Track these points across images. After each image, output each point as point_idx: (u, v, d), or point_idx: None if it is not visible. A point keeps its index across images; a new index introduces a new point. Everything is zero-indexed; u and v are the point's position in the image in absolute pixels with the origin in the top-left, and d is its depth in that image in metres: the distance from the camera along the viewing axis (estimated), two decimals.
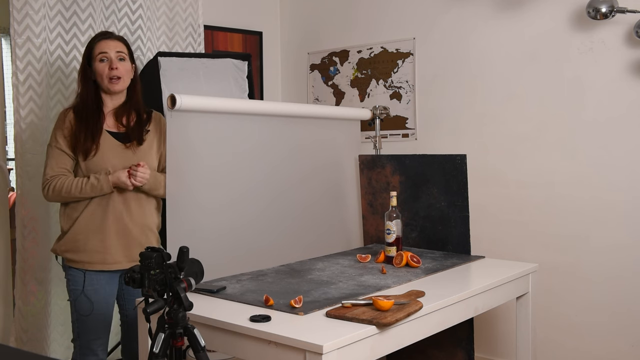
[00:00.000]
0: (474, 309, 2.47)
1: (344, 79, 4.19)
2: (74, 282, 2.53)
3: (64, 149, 2.49)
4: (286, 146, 3.15)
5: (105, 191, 2.47)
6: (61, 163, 2.49)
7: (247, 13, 4.28)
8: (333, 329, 1.91)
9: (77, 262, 2.51)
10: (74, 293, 2.53)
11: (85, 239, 2.50)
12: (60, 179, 2.46)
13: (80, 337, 2.54)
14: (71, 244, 2.51)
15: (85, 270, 2.51)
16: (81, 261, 2.51)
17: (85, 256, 2.50)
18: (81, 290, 2.52)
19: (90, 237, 2.50)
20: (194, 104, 2.64)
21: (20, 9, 3.03)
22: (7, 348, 1.28)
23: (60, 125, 2.52)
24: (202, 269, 1.98)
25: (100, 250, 2.50)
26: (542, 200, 3.39)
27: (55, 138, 2.51)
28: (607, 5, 3.00)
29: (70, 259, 2.52)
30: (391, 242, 2.83)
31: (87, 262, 2.50)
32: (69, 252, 2.52)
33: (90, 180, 2.46)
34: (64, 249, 2.54)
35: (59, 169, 2.49)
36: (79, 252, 2.51)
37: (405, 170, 3.20)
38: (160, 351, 1.80)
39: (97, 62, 2.51)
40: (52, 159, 2.50)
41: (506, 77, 3.50)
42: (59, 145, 2.49)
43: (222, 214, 2.82)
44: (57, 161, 2.49)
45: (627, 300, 3.16)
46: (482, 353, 3.59)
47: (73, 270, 2.53)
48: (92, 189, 2.45)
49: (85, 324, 2.53)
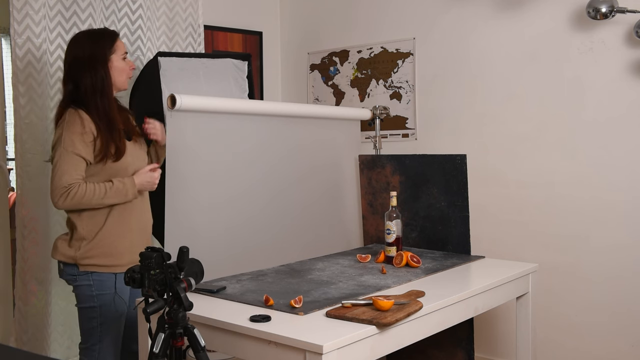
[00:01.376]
0: (474, 309, 2.47)
1: (344, 79, 4.19)
2: (100, 286, 2.45)
3: (83, 154, 2.37)
4: (286, 146, 3.15)
5: (129, 197, 2.42)
6: (79, 170, 2.37)
7: (247, 13, 4.28)
8: (333, 329, 1.91)
9: (107, 266, 2.44)
10: (102, 298, 2.45)
11: (114, 242, 2.45)
12: (80, 187, 2.35)
13: (103, 341, 2.48)
14: (100, 249, 2.43)
15: (117, 274, 2.46)
16: (112, 265, 2.44)
17: (116, 259, 2.44)
18: (114, 293, 2.46)
19: (119, 239, 2.46)
20: (194, 104, 2.64)
21: (20, 9, 3.03)
22: (7, 348, 1.28)
23: (78, 128, 2.37)
24: (202, 269, 1.98)
25: (129, 251, 2.46)
26: (542, 200, 3.39)
27: (72, 142, 2.35)
28: (607, 5, 3.00)
29: (99, 264, 2.44)
30: (391, 242, 2.83)
31: (118, 265, 2.45)
32: (95, 257, 2.43)
33: (114, 185, 2.39)
34: (90, 255, 2.43)
35: (77, 176, 2.36)
36: (108, 256, 2.44)
37: (405, 170, 3.20)
38: (160, 351, 1.80)
39: (120, 59, 2.50)
40: (69, 165, 2.35)
41: (506, 77, 3.50)
42: (78, 151, 2.36)
43: (222, 214, 2.82)
44: (76, 168, 2.36)
45: (627, 300, 3.16)
46: (482, 353, 3.59)
47: (99, 275, 2.44)
48: (116, 194, 2.39)
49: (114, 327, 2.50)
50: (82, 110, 2.40)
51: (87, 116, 2.39)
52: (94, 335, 2.49)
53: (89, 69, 2.43)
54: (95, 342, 2.49)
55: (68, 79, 2.47)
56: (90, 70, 2.43)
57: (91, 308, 2.47)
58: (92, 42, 2.47)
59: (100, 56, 2.45)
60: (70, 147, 2.35)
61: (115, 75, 2.49)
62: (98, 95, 2.42)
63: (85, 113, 2.39)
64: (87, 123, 2.38)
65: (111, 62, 2.47)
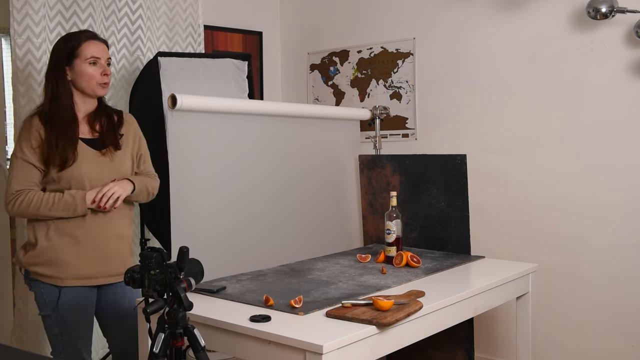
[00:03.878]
0: (474, 309, 2.47)
1: (344, 79, 4.19)
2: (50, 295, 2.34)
3: (31, 160, 2.28)
4: (286, 146, 3.15)
5: (77, 212, 2.29)
6: (28, 176, 2.28)
7: (247, 13, 4.28)
8: (333, 329, 1.91)
9: (49, 277, 2.33)
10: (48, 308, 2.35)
11: (58, 252, 2.32)
12: (28, 195, 2.26)
13: (67, 349, 2.38)
14: (42, 258, 2.32)
15: (61, 287, 2.33)
16: (55, 276, 2.32)
17: (59, 271, 2.32)
18: (55, 306, 2.34)
19: (64, 250, 2.32)
20: (194, 104, 2.64)
21: (20, 9, 3.03)
22: (7, 348, 1.28)
23: (26, 135, 2.30)
24: (202, 269, 1.98)
25: (75, 264, 2.33)
26: (542, 200, 3.39)
27: (21, 148, 2.29)
28: (607, 5, 2.99)
29: (42, 273, 2.33)
30: (391, 242, 2.83)
31: (61, 277, 2.33)
32: (38, 265, 2.33)
33: (64, 197, 2.28)
34: (33, 262, 2.33)
35: (26, 183, 2.28)
36: (51, 266, 2.32)
37: (405, 170, 3.20)
38: (160, 351, 1.80)
39: (86, 64, 2.35)
40: (18, 171, 2.28)
41: (506, 77, 3.50)
42: (25, 157, 2.28)
43: (223, 214, 2.82)
44: (24, 174, 2.28)
45: (627, 301, 3.15)
46: (482, 353, 3.59)
47: (45, 285, 2.34)
48: (64, 208, 2.27)
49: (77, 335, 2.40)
50: (36, 116, 2.33)
51: (39, 122, 2.31)
52: (58, 344, 2.40)
53: (50, 72, 2.38)
54: (59, 350, 2.40)
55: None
56: (50, 74, 2.37)
57: (47, 316, 2.37)
58: (58, 46, 2.39)
59: (59, 60, 2.36)
60: (19, 154, 2.30)
61: (79, 80, 2.36)
62: (51, 101, 2.34)
63: (37, 119, 2.32)
64: (35, 128, 2.31)
65: (72, 67, 2.36)
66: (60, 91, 2.35)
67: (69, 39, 2.39)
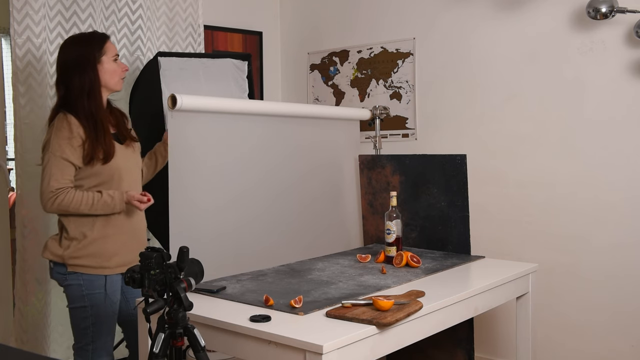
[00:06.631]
0: (474, 309, 2.47)
1: (344, 79, 4.19)
2: (90, 286, 2.45)
3: (71, 159, 2.38)
4: (286, 146, 3.15)
5: (116, 210, 2.44)
6: (67, 174, 2.38)
7: (247, 13, 4.28)
8: (333, 329, 1.91)
9: (95, 267, 2.45)
10: (92, 298, 2.46)
11: (107, 243, 2.46)
12: (68, 193, 2.37)
13: (96, 340, 2.49)
14: (89, 250, 2.44)
15: (107, 275, 2.48)
16: (100, 266, 2.45)
17: (105, 261, 2.46)
18: (104, 293, 2.47)
19: (109, 241, 2.47)
20: (194, 104, 2.64)
21: (20, 9, 3.03)
22: (7, 348, 1.28)
23: (66, 133, 2.38)
24: (202, 269, 1.98)
25: (119, 253, 2.48)
26: (542, 200, 3.39)
27: (60, 147, 2.37)
28: (607, 5, 2.99)
29: (87, 265, 2.44)
30: (391, 242, 2.83)
31: (107, 266, 2.46)
32: (84, 257, 2.44)
33: (103, 197, 2.41)
34: (78, 255, 2.44)
35: (65, 181, 2.38)
36: (97, 257, 2.45)
37: (405, 170, 3.20)
38: (160, 351, 1.80)
39: (111, 61, 2.51)
40: (57, 169, 2.37)
41: (506, 77, 3.50)
42: (65, 156, 2.37)
43: (223, 214, 2.82)
44: (63, 172, 2.38)
45: (627, 300, 3.15)
46: (482, 353, 3.59)
47: (89, 276, 2.45)
48: (103, 207, 2.41)
49: (106, 326, 2.50)
50: (71, 114, 2.42)
51: (75, 120, 2.41)
52: (86, 335, 2.49)
53: (79, 71, 2.45)
54: (88, 342, 2.49)
55: (60, 82, 2.49)
56: (79, 72, 2.45)
57: (82, 308, 2.47)
58: (81, 45, 2.49)
59: (90, 58, 2.47)
60: (58, 152, 2.37)
61: (107, 77, 2.50)
62: (86, 97, 2.45)
63: (73, 117, 2.41)
64: (74, 127, 2.40)
65: (101, 63, 2.49)
66: (95, 87, 2.47)
67: (94, 39, 2.53)
